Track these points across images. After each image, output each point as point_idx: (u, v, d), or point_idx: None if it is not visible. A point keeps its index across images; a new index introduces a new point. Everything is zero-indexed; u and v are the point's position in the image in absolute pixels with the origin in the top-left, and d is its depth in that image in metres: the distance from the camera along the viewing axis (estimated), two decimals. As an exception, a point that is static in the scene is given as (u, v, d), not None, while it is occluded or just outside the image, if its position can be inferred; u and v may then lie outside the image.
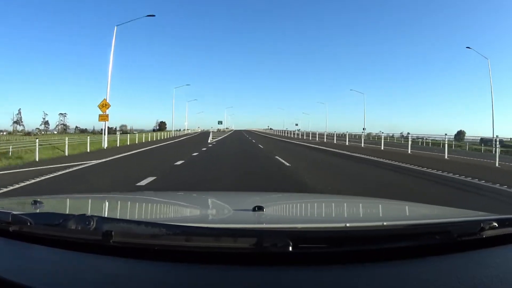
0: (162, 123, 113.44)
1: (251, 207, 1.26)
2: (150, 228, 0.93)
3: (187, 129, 78.43)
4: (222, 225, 1.20)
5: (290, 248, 0.86)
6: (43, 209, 1.32)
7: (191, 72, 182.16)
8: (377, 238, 0.96)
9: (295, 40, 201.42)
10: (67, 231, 0.96)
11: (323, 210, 1.83)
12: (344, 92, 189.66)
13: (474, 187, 7.72)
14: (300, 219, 1.56)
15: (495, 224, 1.03)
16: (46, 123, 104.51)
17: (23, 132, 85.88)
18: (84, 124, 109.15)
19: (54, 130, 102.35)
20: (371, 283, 0.83)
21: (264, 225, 1.20)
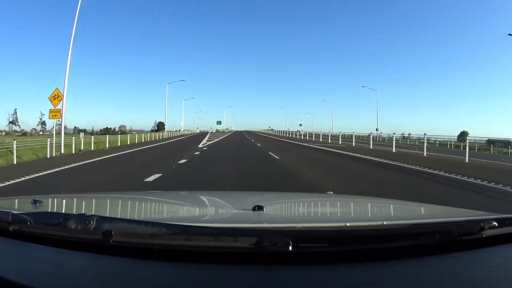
0: (161, 123, 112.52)
1: (251, 207, 1.26)
2: (150, 228, 0.92)
3: (184, 130, 74.44)
4: (222, 225, 1.20)
5: (290, 248, 0.86)
6: (43, 209, 1.32)
7: (191, 72, 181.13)
8: (377, 238, 0.96)
9: (298, 39, 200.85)
10: (67, 231, 0.95)
11: (323, 210, 1.83)
12: (354, 91, 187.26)
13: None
14: (300, 219, 1.56)
15: (495, 224, 1.03)
16: (43, 124, 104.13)
17: (21, 133, 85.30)
18: (84, 125, 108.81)
19: (52, 131, 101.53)
20: (371, 283, 0.83)
21: (264, 225, 1.20)
